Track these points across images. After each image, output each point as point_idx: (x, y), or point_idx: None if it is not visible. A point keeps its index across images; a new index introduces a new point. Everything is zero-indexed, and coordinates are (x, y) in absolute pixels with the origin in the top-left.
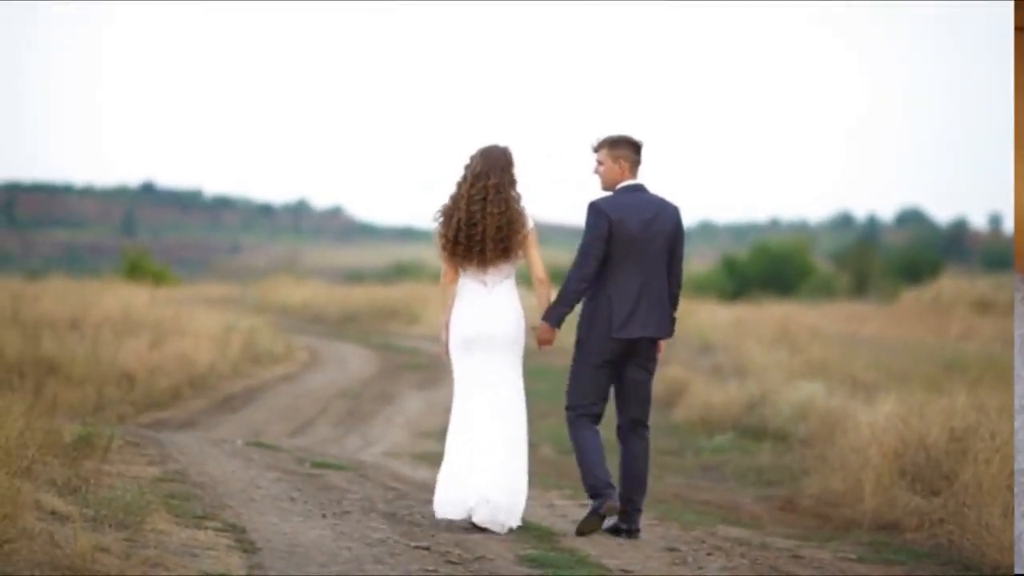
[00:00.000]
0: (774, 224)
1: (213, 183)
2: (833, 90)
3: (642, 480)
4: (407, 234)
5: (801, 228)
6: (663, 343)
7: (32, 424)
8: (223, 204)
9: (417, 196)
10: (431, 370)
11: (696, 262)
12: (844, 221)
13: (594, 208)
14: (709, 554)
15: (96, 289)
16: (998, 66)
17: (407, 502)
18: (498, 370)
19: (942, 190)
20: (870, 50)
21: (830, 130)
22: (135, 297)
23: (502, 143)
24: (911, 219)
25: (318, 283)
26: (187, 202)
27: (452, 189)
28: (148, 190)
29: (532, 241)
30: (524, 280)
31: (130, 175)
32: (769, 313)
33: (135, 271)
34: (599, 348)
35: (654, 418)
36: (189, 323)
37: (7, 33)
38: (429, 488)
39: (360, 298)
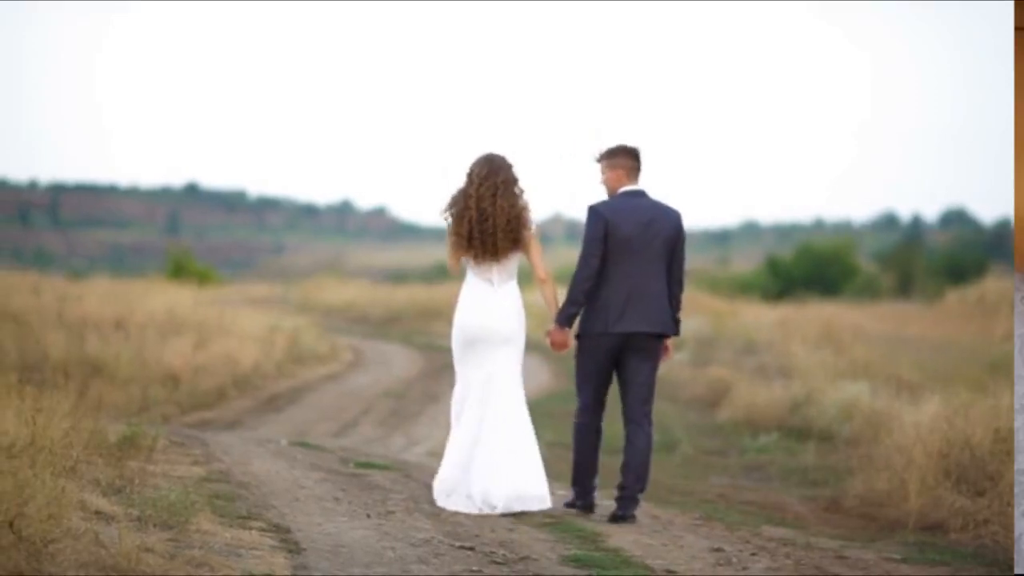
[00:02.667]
0: (818, 224)
1: (257, 184)
2: (880, 90)
3: (639, 472)
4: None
5: (845, 228)
6: (670, 342)
7: (77, 424)
8: (267, 205)
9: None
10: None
11: (740, 262)
12: (888, 221)
13: (592, 211)
14: (754, 554)
15: (140, 289)
16: None
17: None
18: (502, 364)
19: (987, 189)
20: (914, 49)
21: (875, 130)
22: (179, 297)
23: (499, 151)
24: (956, 219)
25: (362, 283)
26: (231, 202)
27: (456, 194)
28: (193, 190)
29: (535, 241)
30: (526, 279)
31: (175, 175)
32: (813, 313)
33: (179, 271)
34: (596, 343)
35: (697, 418)
36: (233, 323)
37: (53, 33)
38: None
39: (404, 298)
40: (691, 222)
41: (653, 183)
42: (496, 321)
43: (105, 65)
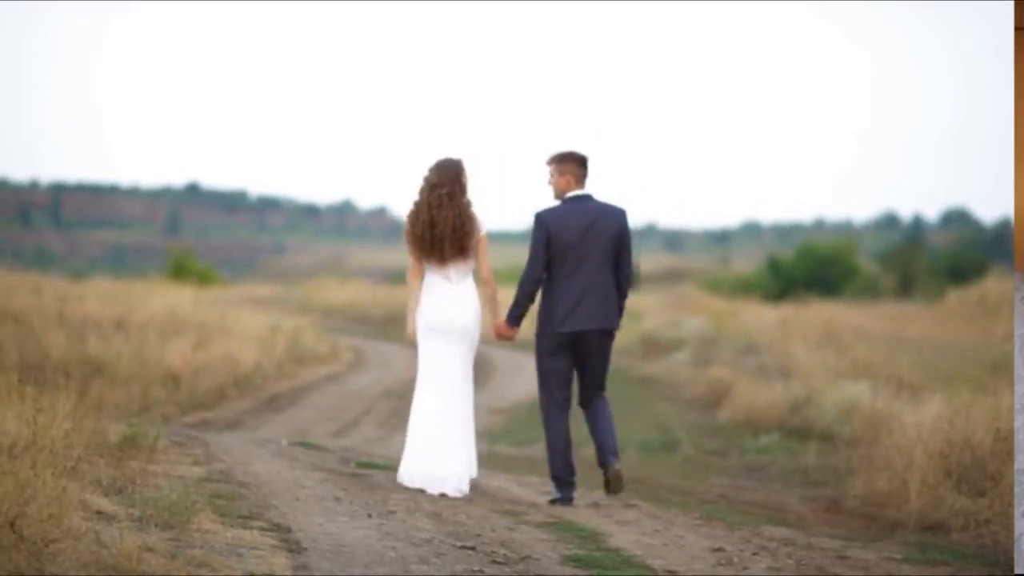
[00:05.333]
0: (819, 224)
1: (258, 184)
2: (880, 90)
3: (608, 442)
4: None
5: (846, 228)
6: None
7: (78, 424)
8: (268, 205)
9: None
10: (474, 370)
11: (741, 262)
12: (889, 221)
13: (536, 219)
14: (755, 554)
15: (141, 289)
16: None
17: (452, 502)
18: (458, 355)
19: (988, 189)
20: (914, 49)
21: (876, 130)
22: (180, 297)
23: (455, 156)
24: (957, 219)
25: (363, 283)
26: (232, 203)
27: (416, 196)
28: (193, 191)
29: (483, 246)
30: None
31: (175, 176)
32: (814, 314)
33: (180, 271)
34: (549, 340)
35: (698, 418)
36: (234, 323)
37: (53, 33)
38: (474, 488)
39: (404, 298)
40: (692, 222)
41: (654, 183)
42: (455, 315)
43: (105, 65)
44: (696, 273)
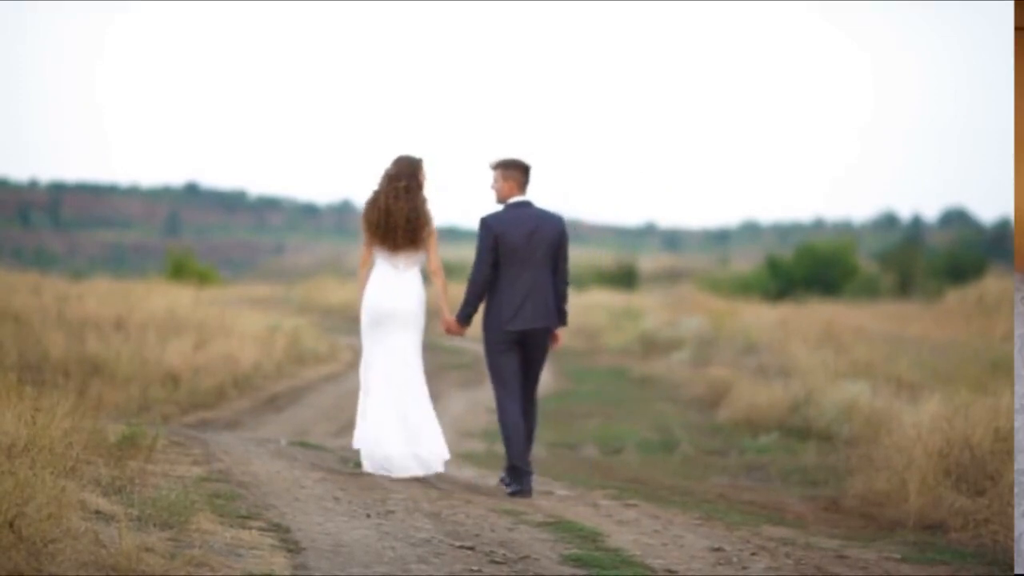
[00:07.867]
0: (818, 224)
1: (257, 184)
2: (880, 90)
3: (527, 444)
4: (449, 234)
5: (845, 228)
6: (559, 332)
7: (77, 424)
8: (267, 204)
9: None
10: (475, 369)
11: (741, 262)
12: (888, 221)
13: (482, 223)
14: (753, 554)
15: (141, 289)
16: None
17: (451, 501)
18: (403, 340)
19: (987, 189)
20: (914, 49)
21: (876, 130)
22: (180, 297)
23: (416, 155)
24: (956, 219)
25: None
26: (231, 202)
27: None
28: (193, 190)
29: (433, 240)
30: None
31: (175, 175)
32: (814, 313)
33: (180, 271)
34: (496, 338)
35: (697, 418)
36: (233, 323)
37: (53, 33)
38: (473, 488)
39: None
40: (691, 221)
41: (654, 183)
42: (400, 301)
43: (106, 65)
44: (695, 273)
